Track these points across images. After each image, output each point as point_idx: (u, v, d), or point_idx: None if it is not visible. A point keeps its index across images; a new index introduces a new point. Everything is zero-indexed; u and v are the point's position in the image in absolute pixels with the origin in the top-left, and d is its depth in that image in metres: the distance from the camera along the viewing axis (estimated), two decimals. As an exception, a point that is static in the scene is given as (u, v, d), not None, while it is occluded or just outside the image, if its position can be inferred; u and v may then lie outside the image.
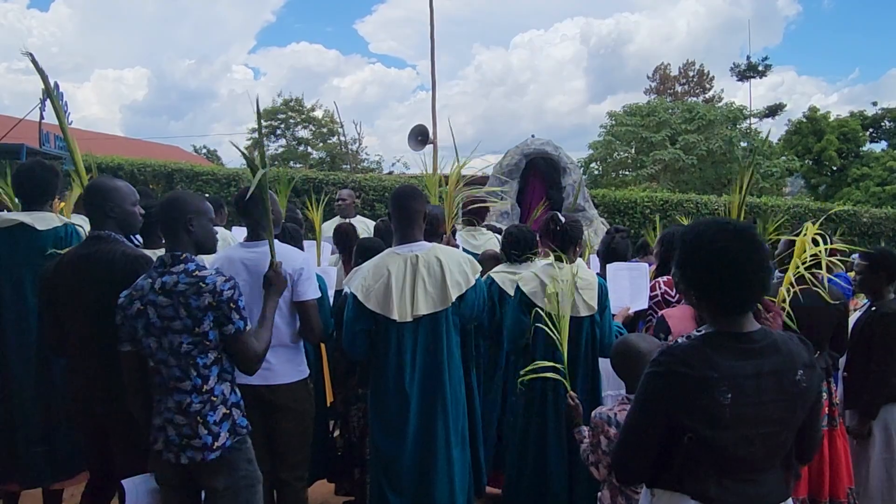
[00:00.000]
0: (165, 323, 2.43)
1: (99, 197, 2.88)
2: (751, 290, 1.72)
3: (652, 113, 26.82)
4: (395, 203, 3.23)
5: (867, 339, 3.80)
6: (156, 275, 2.50)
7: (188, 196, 2.69)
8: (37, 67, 3.36)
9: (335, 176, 14.58)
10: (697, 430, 1.66)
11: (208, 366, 2.46)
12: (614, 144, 27.12)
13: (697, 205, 14.76)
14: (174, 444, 2.45)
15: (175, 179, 13.06)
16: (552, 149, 11.84)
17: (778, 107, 33.21)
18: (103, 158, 13.06)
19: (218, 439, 2.45)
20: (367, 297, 3.06)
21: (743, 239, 1.71)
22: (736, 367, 1.67)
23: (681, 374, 1.67)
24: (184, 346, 2.43)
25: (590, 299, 3.45)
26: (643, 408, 1.76)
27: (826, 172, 29.45)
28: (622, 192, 15.83)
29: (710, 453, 1.69)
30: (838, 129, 29.02)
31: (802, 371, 1.72)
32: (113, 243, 2.83)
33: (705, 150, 24.61)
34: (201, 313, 2.42)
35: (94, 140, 20.06)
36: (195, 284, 2.43)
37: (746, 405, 1.65)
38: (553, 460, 3.40)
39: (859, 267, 3.96)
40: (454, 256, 3.20)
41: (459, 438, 3.14)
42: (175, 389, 2.45)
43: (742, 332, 1.73)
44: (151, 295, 2.46)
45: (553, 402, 3.39)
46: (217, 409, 2.47)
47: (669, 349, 1.74)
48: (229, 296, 2.45)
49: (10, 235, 3.42)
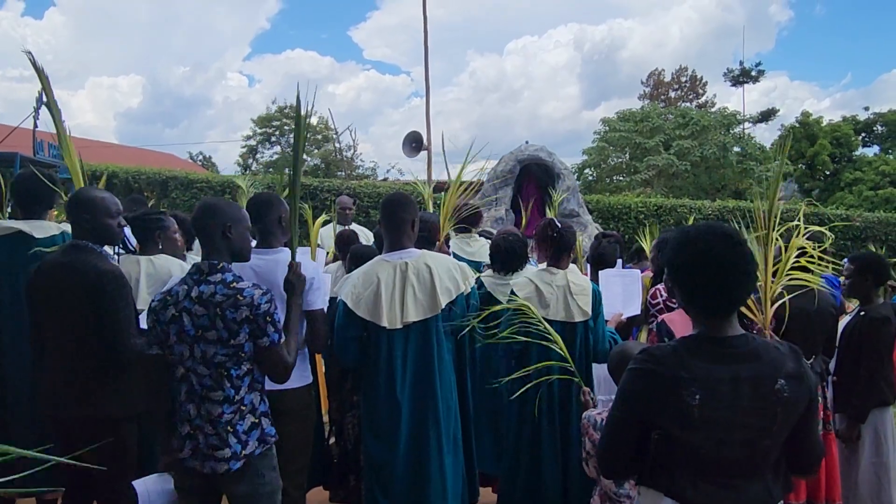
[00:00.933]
0: (199, 332, 2.42)
1: (78, 207, 2.93)
2: (732, 292, 1.75)
3: (646, 119, 26.92)
4: (384, 211, 3.25)
5: (857, 343, 3.83)
6: (192, 282, 2.47)
7: (225, 204, 2.67)
8: (35, 67, 3.36)
9: (330, 183, 14.61)
10: (667, 429, 1.72)
11: (241, 377, 2.46)
12: (608, 150, 27.21)
13: (691, 210, 14.84)
14: (201, 453, 2.46)
15: (170, 187, 13.07)
16: (546, 155, 11.91)
17: (771, 112, 33.45)
18: (98, 166, 13.07)
19: (246, 447, 2.47)
20: (356, 304, 3.08)
21: (726, 241, 1.73)
22: (710, 370, 1.69)
23: (653, 372, 1.71)
24: (218, 357, 2.42)
25: (584, 305, 3.48)
26: (620, 404, 1.82)
27: (819, 177, 29.61)
28: (616, 198, 15.91)
29: (682, 453, 1.72)
30: (831, 134, 29.20)
31: (784, 380, 1.72)
32: (89, 254, 2.88)
33: (699, 155, 24.72)
34: (237, 326, 2.41)
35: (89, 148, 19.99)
36: (233, 297, 2.41)
37: (718, 408, 1.67)
38: (547, 464, 3.41)
39: (847, 271, 4.00)
40: (444, 263, 3.22)
41: (452, 445, 3.15)
42: (206, 399, 2.44)
43: (722, 337, 1.75)
44: (187, 302, 2.44)
45: (546, 405, 3.41)
46: (246, 417, 2.48)
47: (648, 349, 1.80)
48: (266, 309, 2.44)
49: (7, 243, 3.45)
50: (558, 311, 3.44)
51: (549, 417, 3.44)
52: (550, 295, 3.45)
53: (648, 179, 25.18)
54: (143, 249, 3.51)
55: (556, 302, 3.45)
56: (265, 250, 3.11)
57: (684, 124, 26.06)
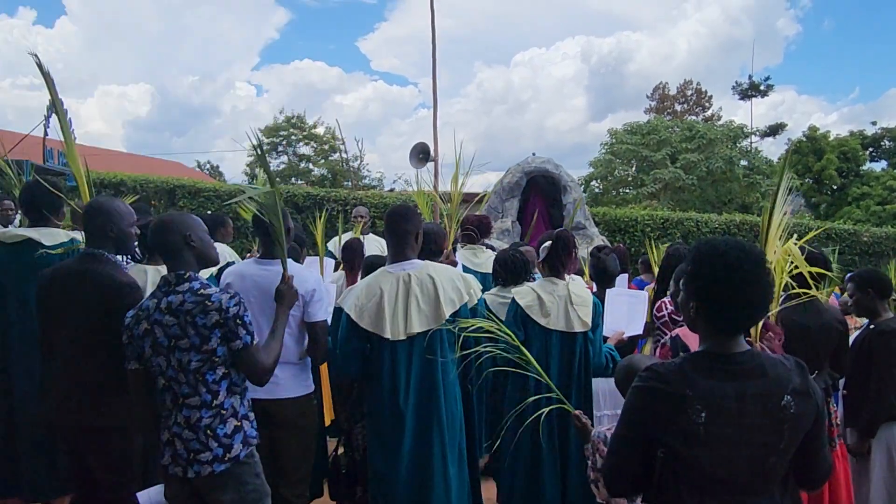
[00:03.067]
0: (173, 342, 2.46)
1: (100, 216, 2.93)
2: (754, 310, 1.74)
3: (652, 131, 26.93)
4: (388, 223, 3.26)
5: (866, 357, 3.81)
6: (161, 294, 2.53)
7: (177, 216, 2.72)
8: (41, 70, 3.39)
9: (336, 193, 14.62)
10: (673, 447, 1.68)
11: (217, 381, 2.50)
12: (615, 163, 27.22)
13: (698, 223, 14.79)
14: (182, 459, 2.48)
15: (177, 195, 13.10)
16: (553, 167, 11.91)
17: (779, 126, 33.44)
18: (106, 174, 13.13)
19: (231, 451, 2.49)
20: (360, 315, 3.08)
21: (754, 258, 1.72)
22: (715, 388, 1.67)
23: (658, 390, 1.69)
24: (192, 364, 2.46)
25: (584, 315, 3.49)
26: (625, 422, 1.79)
27: (826, 191, 29.56)
28: (622, 211, 15.88)
29: (688, 472, 1.70)
30: (838, 149, 29.17)
31: (791, 397, 1.70)
32: (105, 264, 2.89)
33: (705, 169, 24.69)
34: (208, 331, 2.45)
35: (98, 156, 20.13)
36: (201, 303, 2.46)
37: (724, 426, 1.65)
38: (547, 476, 3.40)
39: (850, 290, 4.02)
40: (447, 274, 3.22)
41: (456, 456, 3.14)
42: (184, 405, 2.48)
43: (727, 354, 1.73)
44: (157, 314, 2.48)
45: (545, 425, 3.38)
46: (227, 421, 2.51)
47: (653, 366, 1.76)
48: (235, 312, 2.48)
49: (17, 251, 3.46)
50: (559, 320, 3.45)
51: (549, 439, 3.41)
52: (551, 304, 3.45)
53: (655, 192, 25.15)
54: (150, 259, 3.52)
55: (556, 311, 3.45)
56: (268, 260, 3.14)
57: (691, 137, 26.05)
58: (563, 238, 3.61)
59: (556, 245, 3.59)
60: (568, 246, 3.61)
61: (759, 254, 1.75)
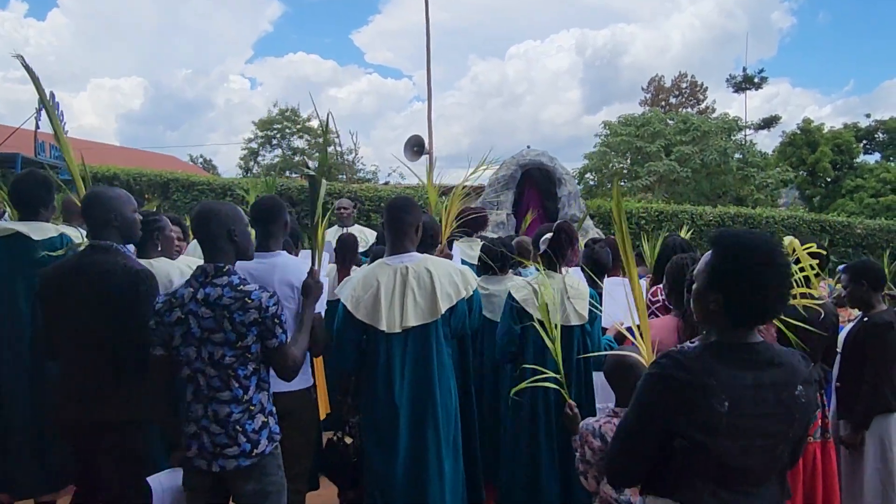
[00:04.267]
0: (206, 334, 2.45)
1: (101, 206, 2.86)
2: (778, 304, 1.73)
3: (647, 124, 26.92)
4: (388, 214, 3.24)
5: (860, 349, 3.82)
6: (197, 284, 2.50)
7: (225, 206, 2.68)
8: (28, 71, 3.34)
9: (331, 186, 14.59)
10: (693, 437, 1.66)
11: (248, 376, 2.50)
12: (609, 155, 27.20)
13: (692, 216, 14.81)
14: (207, 452, 2.49)
15: (171, 189, 13.05)
16: (547, 160, 11.90)
17: (773, 119, 33.44)
18: (99, 168, 13.07)
19: (258, 446, 2.51)
20: (356, 307, 3.06)
21: (780, 251, 1.73)
22: (736, 377, 1.66)
23: (679, 378, 1.66)
24: (226, 359, 2.45)
25: (581, 308, 3.47)
26: (640, 410, 1.74)
27: (820, 184, 29.62)
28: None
29: (706, 462, 1.68)
30: (832, 141, 29.21)
31: (802, 387, 1.73)
32: (114, 254, 2.82)
33: (699, 162, 24.70)
34: (245, 328, 2.44)
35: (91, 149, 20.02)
36: (241, 300, 2.44)
37: (744, 416, 1.65)
38: (545, 470, 3.39)
39: (844, 281, 4.04)
40: (445, 268, 3.20)
41: (451, 450, 3.13)
42: (213, 399, 2.48)
43: (746, 343, 1.73)
44: (193, 305, 2.46)
45: (544, 411, 3.40)
46: (256, 417, 2.52)
47: (670, 353, 1.73)
48: (274, 311, 2.49)
49: (5, 245, 3.42)
50: (555, 314, 3.42)
51: (547, 429, 3.41)
52: (548, 297, 3.42)
53: (650, 185, 25.16)
54: (142, 252, 3.48)
55: (553, 304, 3.42)
56: (263, 254, 3.11)
57: (685, 130, 26.05)
58: (565, 230, 3.58)
59: (558, 237, 3.56)
60: (570, 238, 3.59)
61: (781, 245, 1.77)
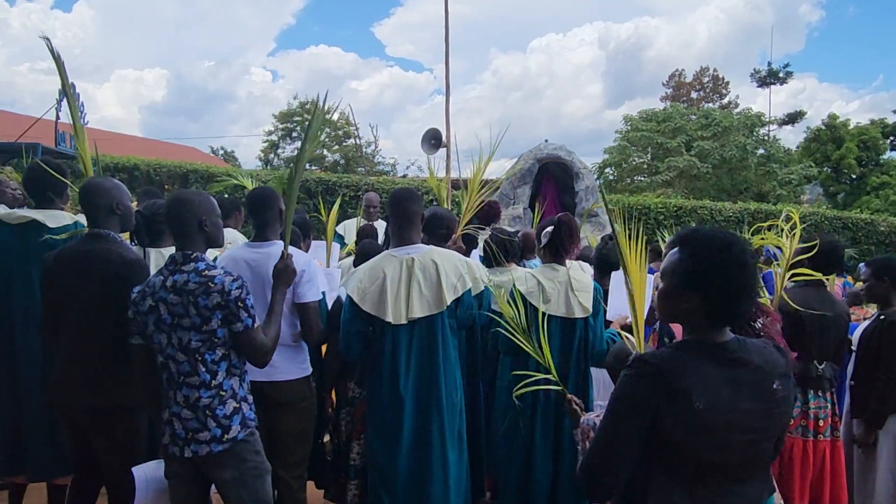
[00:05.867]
0: (176, 320, 2.49)
1: (104, 195, 2.94)
2: (752, 300, 1.74)
3: (668, 119, 26.68)
4: (392, 205, 3.24)
5: (875, 347, 3.77)
6: (167, 272, 2.56)
7: (197, 196, 2.72)
8: (53, 54, 3.37)
9: (348, 178, 14.64)
10: (671, 436, 1.65)
11: (216, 361, 2.53)
12: (629, 150, 27.00)
13: (712, 211, 14.68)
14: (180, 438, 2.52)
15: (190, 180, 13.17)
16: (565, 153, 11.83)
17: (798, 114, 32.93)
18: (120, 158, 13.23)
19: (229, 432, 2.52)
20: (362, 298, 3.07)
21: (749, 248, 1.74)
22: (711, 375, 1.66)
23: (655, 379, 1.65)
24: (192, 343, 2.49)
25: (585, 301, 3.46)
26: (617, 413, 1.71)
27: (845, 180, 29.16)
28: (635, 198, 15.76)
29: (681, 460, 1.67)
30: (857, 137, 28.72)
31: (779, 380, 1.73)
32: (111, 243, 2.90)
33: (720, 157, 24.44)
34: (209, 312, 2.48)
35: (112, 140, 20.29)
36: (204, 284, 2.48)
37: (721, 413, 1.64)
38: (539, 465, 3.40)
39: (865, 276, 3.97)
40: (451, 259, 3.20)
41: (456, 442, 3.13)
42: (184, 384, 2.51)
43: (720, 341, 1.73)
44: (163, 292, 2.51)
45: (542, 405, 3.40)
46: (227, 402, 2.54)
47: (643, 356, 1.72)
48: (237, 295, 2.51)
49: (21, 232, 3.48)
50: (559, 306, 3.42)
51: (543, 426, 3.41)
52: (552, 290, 3.43)
53: (669, 180, 24.94)
54: (153, 242, 3.53)
55: (556, 297, 3.43)
56: (259, 243, 3.14)
57: (706, 125, 25.77)
58: (565, 223, 3.57)
59: (559, 230, 3.55)
60: (570, 231, 3.57)
61: (749, 244, 1.78)
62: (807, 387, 3.57)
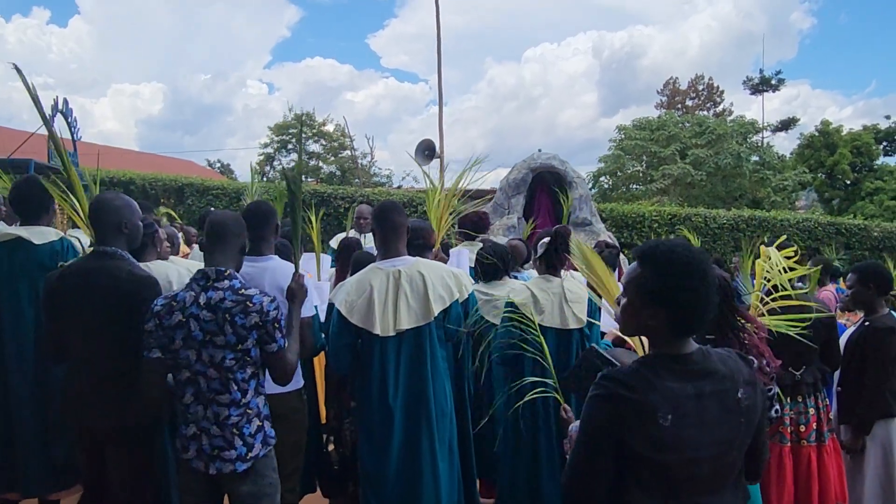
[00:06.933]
0: (208, 337, 2.49)
1: (113, 213, 2.90)
2: (713, 311, 1.73)
3: (661, 127, 26.77)
4: (378, 218, 3.25)
5: (861, 353, 3.78)
6: (199, 288, 2.54)
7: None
8: (23, 80, 3.32)
9: (343, 190, 14.68)
10: (640, 453, 1.65)
11: (247, 380, 2.55)
12: (623, 158, 27.08)
13: (706, 219, 14.71)
14: (205, 454, 2.52)
15: (186, 193, 13.20)
16: (559, 163, 11.87)
17: (791, 121, 33.09)
18: (116, 173, 13.25)
19: (252, 450, 2.55)
20: (350, 311, 3.09)
21: (707, 260, 1.75)
22: (675, 389, 1.65)
23: (621, 396, 1.65)
24: (226, 361, 2.50)
25: (579, 312, 3.47)
26: (587, 433, 1.71)
27: (839, 186, 29.26)
28: (630, 207, 15.80)
29: (650, 475, 1.67)
30: (851, 143, 28.85)
31: (743, 389, 1.72)
32: (119, 260, 2.86)
33: (714, 165, 24.52)
34: (246, 332, 2.49)
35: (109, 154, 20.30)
36: (242, 303, 2.50)
37: (688, 426, 1.64)
38: (545, 471, 3.41)
39: (850, 281, 3.97)
40: (438, 271, 3.22)
41: (446, 451, 3.15)
42: (213, 401, 2.52)
43: (681, 354, 1.72)
44: (194, 308, 2.50)
45: (543, 412, 3.41)
46: (252, 421, 2.56)
47: (609, 373, 1.73)
48: (274, 315, 2.54)
49: (7, 249, 3.49)
50: (553, 317, 3.44)
51: (547, 433, 3.43)
52: (546, 301, 3.44)
53: (664, 188, 25.01)
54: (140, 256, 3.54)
55: (551, 308, 3.44)
56: (255, 258, 3.15)
57: (700, 133, 25.87)
58: (561, 235, 3.59)
59: (554, 242, 3.56)
60: (565, 243, 3.56)
61: (708, 257, 1.77)
62: (784, 394, 3.55)
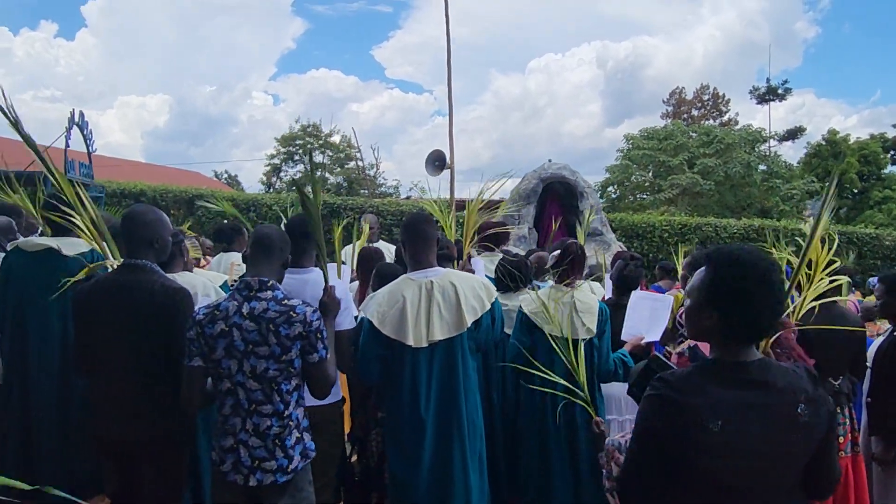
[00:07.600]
0: (250, 347, 2.48)
1: (146, 227, 2.88)
2: (775, 318, 1.72)
3: (669, 136, 26.79)
4: (409, 229, 3.23)
5: (890, 363, 3.73)
6: (241, 298, 2.53)
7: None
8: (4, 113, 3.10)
9: (352, 201, 14.71)
10: (688, 457, 1.64)
11: (290, 391, 2.54)
12: (631, 168, 27.09)
13: (716, 228, 14.68)
14: (244, 466, 2.50)
15: (196, 205, 13.23)
16: (569, 173, 11.88)
17: (798, 130, 33.08)
18: (126, 184, 13.31)
19: (292, 462, 2.53)
20: (382, 322, 3.07)
21: (774, 265, 1.73)
22: (725, 396, 1.64)
23: (672, 400, 1.65)
24: (270, 372, 2.48)
25: (588, 322, 3.54)
26: (640, 433, 1.75)
27: (847, 195, 29.20)
28: (640, 216, 15.79)
29: (699, 482, 1.66)
30: (858, 152, 28.84)
31: (804, 405, 1.68)
32: (150, 273, 2.85)
33: (723, 174, 24.50)
34: (290, 342, 2.48)
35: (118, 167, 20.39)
36: (286, 313, 2.49)
37: (738, 435, 1.62)
38: (557, 475, 3.44)
39: (878, 291, 3.94)
40: (469, 282, 3.21)
41: (477, 463, 3.13)
42: (255, 412, 2.50)
43: (740, 362, 1.71)
44: (237, 318, 2.49)
45: (552, 416, 3.46)
46: (292, 433, 2.55)
47: (664, 376, 1.73)
48: (317, 326, 2.54)
49: (38, 259, 3.50)
50: (562, 327, 3.44)
51: (556, 428, 3.49)
52: (555, 311, 3.48)
53: (672, 198, 24.99)
54: (168, 267, 3.54)
55: (560, 318, 3.48)
56: (297, 270, 3.14)
57: (708, 142, 25.88)
58: (571, 250, 3.75)
59: (564, 255, 3.73)
60: (574, 258, 3.76)
61: (775, 261, 1.76)
62: None
